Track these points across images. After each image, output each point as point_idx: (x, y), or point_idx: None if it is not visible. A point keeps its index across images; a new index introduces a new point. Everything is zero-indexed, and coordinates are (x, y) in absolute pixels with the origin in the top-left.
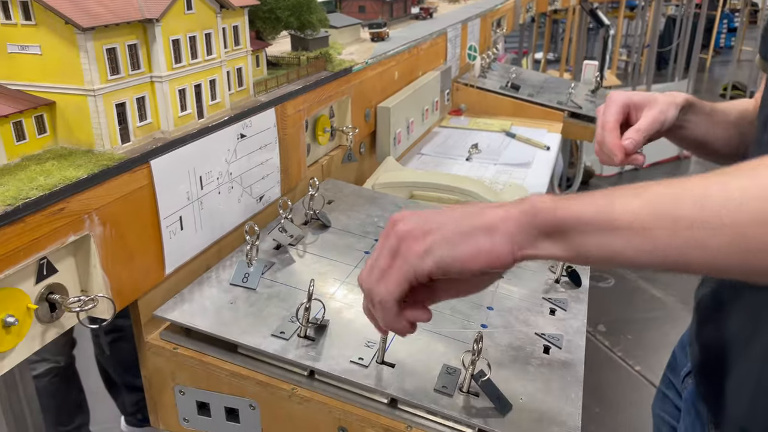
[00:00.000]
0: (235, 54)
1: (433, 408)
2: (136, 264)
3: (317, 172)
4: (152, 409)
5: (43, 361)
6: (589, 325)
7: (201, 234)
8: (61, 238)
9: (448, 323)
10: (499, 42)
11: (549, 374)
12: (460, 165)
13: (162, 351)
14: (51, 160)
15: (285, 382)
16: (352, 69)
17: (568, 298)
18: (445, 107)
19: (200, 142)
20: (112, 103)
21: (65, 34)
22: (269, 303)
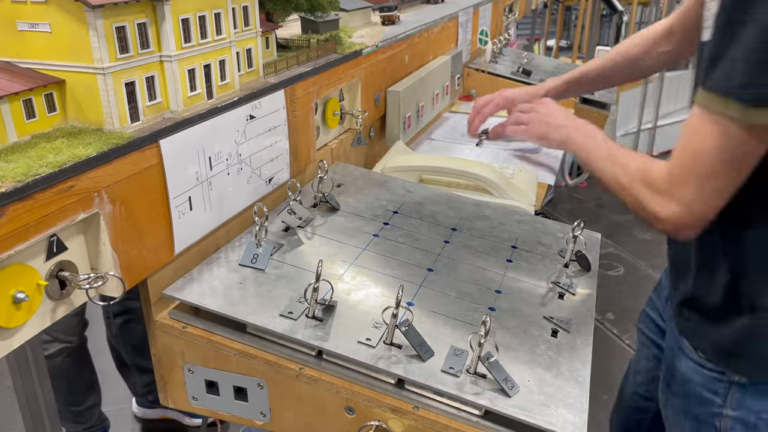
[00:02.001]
0: (245, 35)
1: (440, 389)
2: (145, 243)
3: (327, 155)
4: (161, 388)
5: (56, 342)
6: (597, 313)
7: (210, 214)
8: (70, 216)
9: (456, 306)
10: (510, 27)
11: (557, 357)
12: (470, 150)
13: (171, 330)
14: (61, 138)
15: (293, 361)
16: (362, 52)
17: (577, 282)
18: (456, 92)
19: (209, 122)
20: (122, 82)
21: (75, 12)
22: (278, 284)
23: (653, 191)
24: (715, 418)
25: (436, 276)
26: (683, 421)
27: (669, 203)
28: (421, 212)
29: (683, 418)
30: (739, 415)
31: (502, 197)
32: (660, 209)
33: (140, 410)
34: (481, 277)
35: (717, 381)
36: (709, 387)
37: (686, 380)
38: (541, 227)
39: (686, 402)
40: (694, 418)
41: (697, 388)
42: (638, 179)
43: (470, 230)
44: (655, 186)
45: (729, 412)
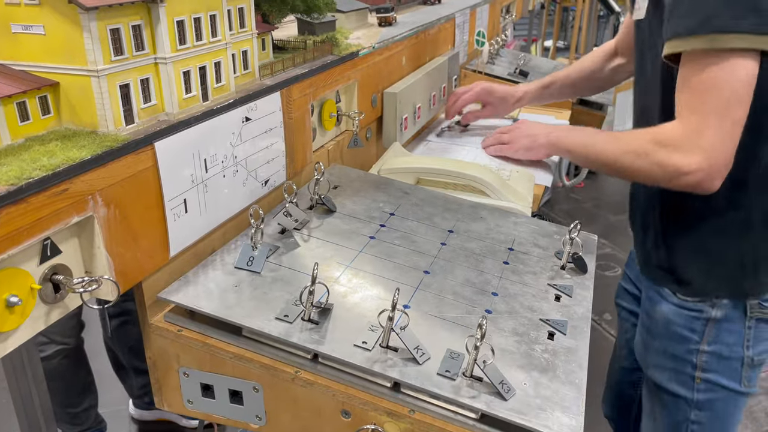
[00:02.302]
0: (241, 36)
1: (436, 392)
2: (140, 246)
3: (323, 157)
4: (157, 391)
5: (52, 343)
6: (595, 313)
7: (205, 217)
8: (64, 219)
9: (453, 308)
10: (507, 28)
11: (553, 360)
12: (467, 151)
13: (166, 333)
14: (55, 141)
15: (289, 365)
16: (359, 53)
17: (574, 284)
18: None
19: (205, 124)
20: (116, 84)
21: (69, 14)
22: (273, 286)
23: (672, 149)
24: (692, 355)
25: (433, 278)
26: (663, 360)
27: (692, 155)
28: (418, 214)
29: (663, 358)
30: (714, 349)
31: (499, 199)
32: (685, 163)
33: (137, 412)
34: (477, 280)
35: (695, 320)
36: (689, 326)
37: (667, 322)
38: (537, 229)
39: (667, 342)
40: (673, 356)
41: (677, 328)
42: (652, 143)
43: (467, 232)
44: (673, 143)
45: (705, 347)
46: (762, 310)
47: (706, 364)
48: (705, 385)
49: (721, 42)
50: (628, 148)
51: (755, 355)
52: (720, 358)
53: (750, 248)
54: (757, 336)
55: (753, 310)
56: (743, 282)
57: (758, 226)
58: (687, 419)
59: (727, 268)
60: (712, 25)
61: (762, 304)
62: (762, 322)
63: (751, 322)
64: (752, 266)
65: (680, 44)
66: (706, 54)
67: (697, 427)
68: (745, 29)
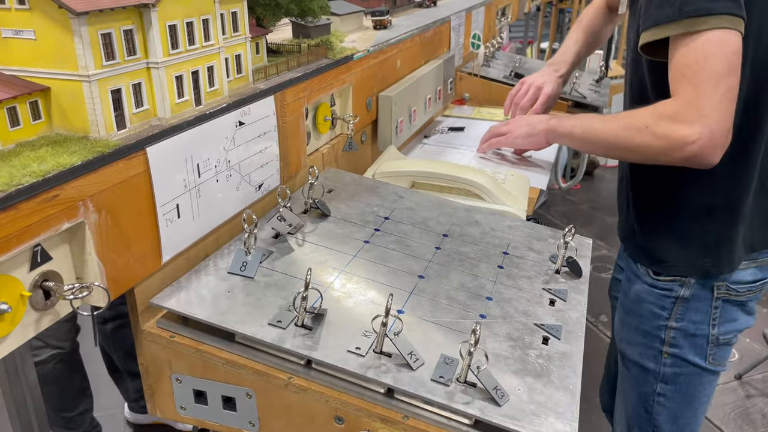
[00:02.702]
0: (234, 41)
1: (429, 398)
2: (132, 251)
3: (318, 160)
4: (149, 397)
5: (47, 347)
6: (591, 315)
7: (198, 222)
8: (54, 225)
9: (447, 313)
10: (503, 31)
11: (547, 365)
12: (462, 154)
13: (159, 339)
14: (45, 147)
15: (282, 371)
16: (354, 57)
17: (568, 288)
18: (449, 96)
19: (197, 129)
20: (108, 89)
21: (59, 19)
22: (267, 292)
23: (674, 120)
24: (661, 331)
25: (427, 283)
26: (635, 336)
27: (694, 125)
28: (413, 218)
29: (635, 334)
30: (681, 326)
31: (494, 202)
32: (688, 133)
33: (132, 415)
34: (472, 284)
35: (665, 298)
36: (659, 303)
37: (640, 299)
38: (532, 233)
39: (639, 319)
40: (644, 332)
41: (648, 305)
42: (654, 117)
43: (462, 236)
44: (674, 115)
45: (673, 323)
46: (729, 291)
47: (673, 340)
48: (672, 360)
49: (699, 24)
50: (627, 123)
51: (720, 334)
52: (686, 334)
53: (714, 228)
54: (723, 316)
55: (720, 291)
56: (705, 259)
57: (721, 210)
58: (653, 392)
59: (694, 247)
60: (686, 11)
61: (729, 286)
62: (728, 303)
63: (717, 303)
64: (714, 245)
65: (658, 32)
66: (690, 34)
67: (663, 399)
68: (720, 11)
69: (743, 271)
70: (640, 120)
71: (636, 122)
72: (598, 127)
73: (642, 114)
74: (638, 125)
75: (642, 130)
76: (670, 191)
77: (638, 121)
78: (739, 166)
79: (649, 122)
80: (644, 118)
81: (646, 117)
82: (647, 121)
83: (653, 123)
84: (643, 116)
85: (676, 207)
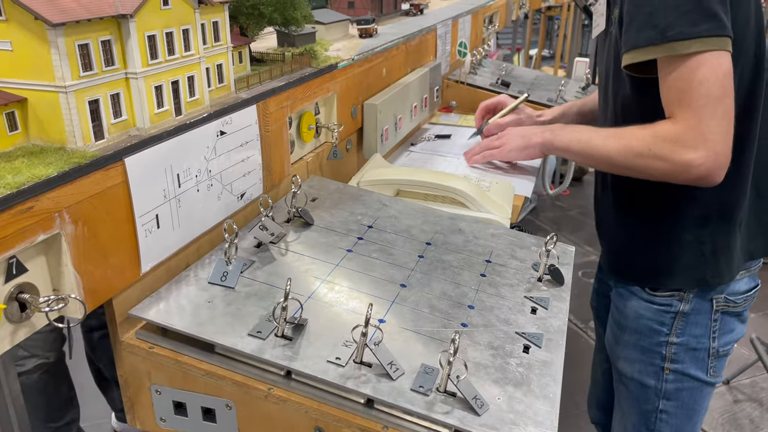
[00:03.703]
0: (215, 50)
1: (409, 408)
2: (110, 263)
3: (302, 169)
4: (129, 409)
5: (33, 357)
6: (580, 321)
7: (179, 232)
8: (30, 237)
9: (428, 322)
10: (490, 38)
11: (528, 374)
12: (449, 162)
13: (138, 350)
14: (21, 158)
15: (262, 382)
16: (338, 65)
17: (550, 296)
18: (435, 104)
19: (177, 139)
20: (85, 100)
21: (35, 30)
22: (247, 302)
23: (677, 144)
24: (661, 347)
25: (409, 292)
26: (633, 353)
27: (698, 149)
28: (396, 226)
29: (633, 351)
30: (683, 341)
31: (479, 210)
32: (693, 157)
33: (119, 425)
34: (454, 293)
35: (664, 313)
36: (658, 319)
37: (638, 316)
38: (515, 240)
39: (637, 336)
40: (643, 349)
41: (647, 321)
42: (656, 140)
43: (445, 244)
44: (677, 140)
45: (674, 339)
46: (727, 303)
47: (675, 356)
48: (673, 376)
49: (683, 48)
50: (628, 145)
51: (720, 346)
52: (688, 349)
53: (708, 237)
54: (723, 328)
55: (719, 303)
56: (705, 271)
57: (717, 219)
58: (656, 408)
59: (692, 258)
60: (668, 35)
61: (727, 298)
62: (726, 314)
63: (716, 315)
64: (712, 255)
65: (639, 54)
66: (678, 57)
67: (665, 415)
68: (704, 34)
69: (739, 281)
70: (641, 143)
71: (637, 145)
72: (598, 144)
73: (642, 136)
74: (640, 149)
75: (644, 154)
76: (662, 204)
77: (639, 143)
78: (732, 174)
79: (651, 146)
80: (645, 141)
81: (647, 140)
82: (649, 143)
83: (656, 147)
84: (643, 139)
85: (670, 220)
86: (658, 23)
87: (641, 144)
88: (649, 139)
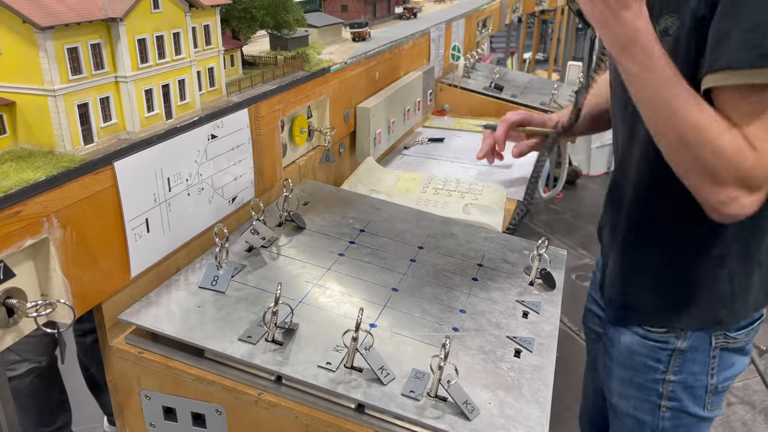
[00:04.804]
0: (207, 54)
1: (400, 413)
2: (99, 267)
3: (294, 172)
4: (118, 415)
5: (25, 362)
6: (573, 324)
7: (169, 236)
8: (17, 242)
9: (420, 326)
10: (484, 42)
11: (519, 378)
12: (441, 165)
13: (127, 355)
14: (9, 162)
15: (252, 387)
16: (330, 69)
17: (542, 300)
18: (428, 107)
19: (168, 143)
20: (74, 104)
21: (24, 33)
22: (238, 306)
23: (739, 172)
24: (658, 384)
25: (401, 296)
26: (627, 389)
27: (752, 192)
28: (389, 230)
29: (627, 387)
30: (680, 378)
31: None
32: (744, 200)
33: (112, 429)
34: (446, 297)
35: (660, 350)
36: (654, 356)
37: (631, 352)
38: (507, 244)
39: (632, 372)
40: (638, 386)
41: (642, 358)
42: (732, 164)
43: (437, 248)
44: (745, 168)
45: (671, 377)
46: (726, 339)
47: (672, 393)
48: (671, 413)
49: None
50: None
51: (719, 382)
52: (686, 386)
53: (726, 277)
54: (721, 364)
55: (718, 340)
56: (719, 312)
57: (734, 257)
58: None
59: (704, 299)
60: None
61: (727, 334)
62: (726, 350)
63: (715, 352)
64: (730, 296)
65: (733, 77)
66: None
67: None
68: None
69: None
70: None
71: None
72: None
73: (727, 143)
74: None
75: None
76: (680, 240)
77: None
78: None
79: (721, 153)
80: (726, 153)
81: (727, 154)
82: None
83: (722, 158)
84: (726, 148)
85: (688, 258)
86: (763, 43)
87: (718, 141)
88: (730, 155)
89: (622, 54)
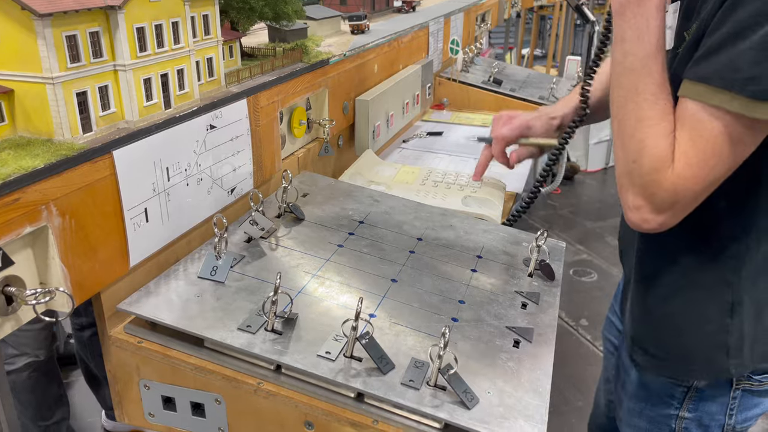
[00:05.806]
0: (206, 43)
1: (399, 402)
2: (98, 256)
3: (293, 164)
4: (117, 404)
5: (23, 356)
6: (571, 319)
7: (168, 226)
8: (16, 230)
9: (419, 317)
10: (483, 37)
11: (517, 368)
12: (440, 159)
13: (126, 345)
14: (7, 150)
15: (251, 376)
16: (329, 61)
17: (541, 291)
18: (427, 101)
19: (167, 132)
20: (73, 92)
21: (22, 20)
22: (237, 296)
23: (648, 199)
24: (671, 420)
25: (400, 286)
26: (639, 422)
27: (667, 210)
28: (388, 222)
29: (639, 419)
30: (695, 416)
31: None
32: (642, 218)
33: (110, 423)
34: (445, 288)
35: (675, 386)
36: (667, 392)
37: (642, 384)
38: (506, 236)
39: (643, 405)
40: (650, 419)
41: (654, 392)
42: (647, 171)
43: (436, 240)
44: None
45: (685, 414)
46: (750, 381)
47: (685, 430)
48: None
49: (757, 111)
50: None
51: (737, 423)
52: (700, 425)
53: (736, 326)
54: (742, 405)
55: (740, 382)
56: (728, 361)
57: (747, 306)
58: None
59: (713, 350)
60: (751, 89)
61: (750, 377)
62: (748, 392)
63: (736, 393)
64: (738, 346)
65: (709, 95)
66: (731, 115)
67: None
68: None
69: None
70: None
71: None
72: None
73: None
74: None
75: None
76: (683, 285)
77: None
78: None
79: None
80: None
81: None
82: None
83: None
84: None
85: (693, 306)
86: (741, 68)
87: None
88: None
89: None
